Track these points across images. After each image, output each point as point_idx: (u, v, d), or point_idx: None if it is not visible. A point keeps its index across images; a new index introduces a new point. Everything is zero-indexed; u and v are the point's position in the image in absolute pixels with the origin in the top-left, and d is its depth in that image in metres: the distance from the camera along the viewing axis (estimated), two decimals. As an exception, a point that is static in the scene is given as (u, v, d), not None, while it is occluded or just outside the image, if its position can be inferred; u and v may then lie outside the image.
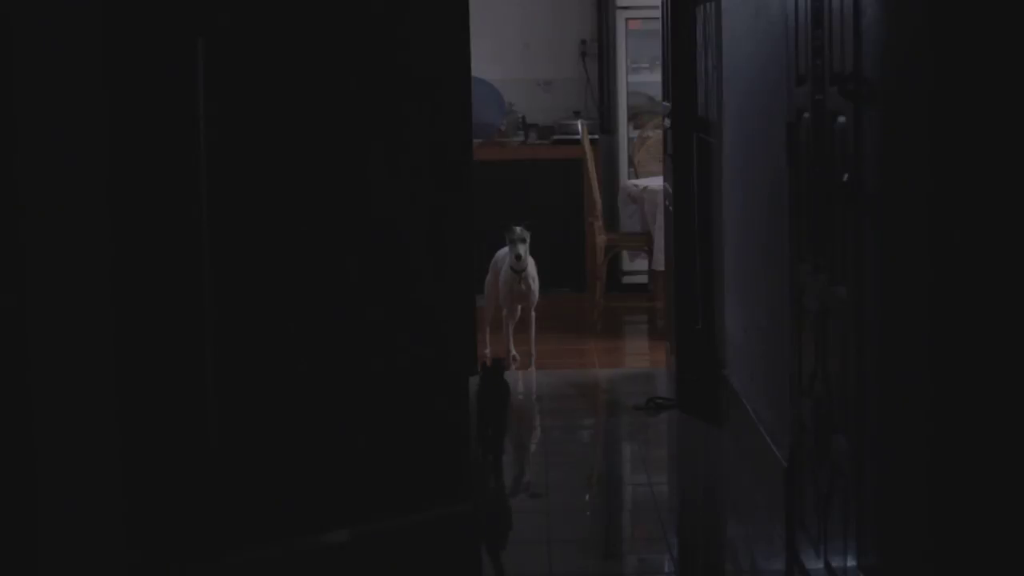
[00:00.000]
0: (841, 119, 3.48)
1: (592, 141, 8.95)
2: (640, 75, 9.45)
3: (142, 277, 4.12)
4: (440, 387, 4.74)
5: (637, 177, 9.12)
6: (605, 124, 9.71)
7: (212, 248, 4.26)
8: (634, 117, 9.52)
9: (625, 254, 9.24)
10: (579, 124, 9.12)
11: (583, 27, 9.95)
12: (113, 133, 3.92)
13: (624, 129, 9.53)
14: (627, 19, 9.40)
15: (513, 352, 7.32)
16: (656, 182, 8.05)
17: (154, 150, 4.15)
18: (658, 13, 7.05)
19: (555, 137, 9.58)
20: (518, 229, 7.24)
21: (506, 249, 7.46)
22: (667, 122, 6.65)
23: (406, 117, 4.65)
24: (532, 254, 7.35)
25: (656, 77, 7.98)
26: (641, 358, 7.80)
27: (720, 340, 5.95)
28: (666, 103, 6.75)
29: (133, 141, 4.08)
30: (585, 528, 4.93)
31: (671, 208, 6.58)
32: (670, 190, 6.61)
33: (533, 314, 7.39)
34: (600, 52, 9.88)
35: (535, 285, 7.34)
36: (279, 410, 4.45)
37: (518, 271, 7.27)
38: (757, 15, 4.96)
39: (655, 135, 8.72)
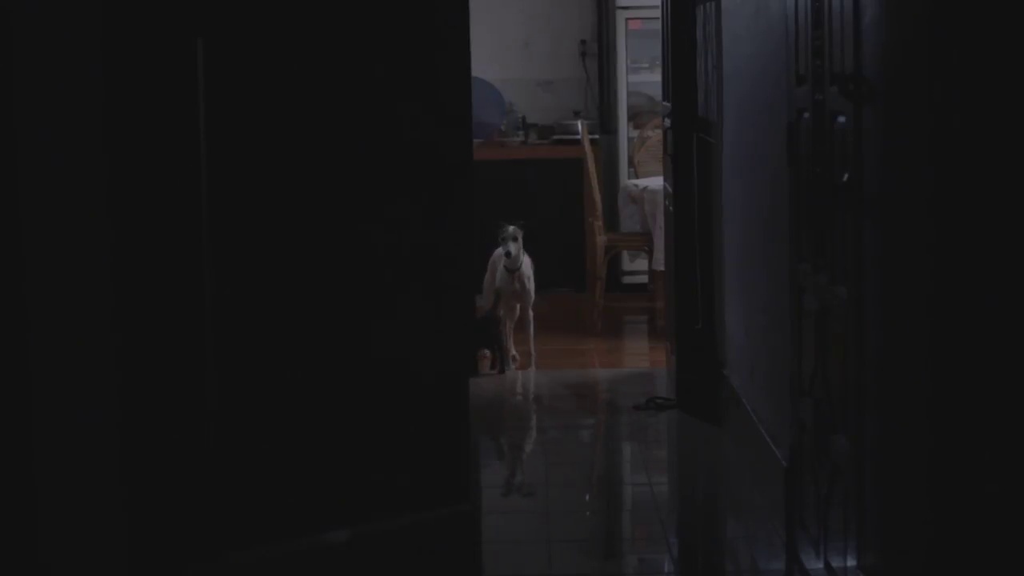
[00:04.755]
0: (841, 119, 3.48)
1: (592, 141, 8.94)
2: (640, 75, 9.45)
3: (142, 278, 4.12)
4: (440, 386, 4.74)
5: (637, 177, 9.12)
6: (605, 124, 9.71)
7: (212, 248, 4.26)
8: (634, 117, 9.51)
9: (625, 254, 9.24)
10: (579, 124, 9.12)
11: (583, 27, 9.95)
12: (112, 133, 3.92)
13: (624, 129, 9.53)
14: (627, 19, 9.39)
15: (513, 352, 7.31)
16: (656, 182, 8.05)
17: (153, 150, 4.15)
18: (658, 13, 7.04)
19: (555, 137, 9.57)
20: (510, 228, 7.24)
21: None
22: (667, 122, 6.65)
23: (406, 117, 4.65)
24: (532, 254, 7.35)
25: (656, 77, 7.97)
26: (641, 358, 7.79)
27: (720, 340, 5.94)
28: (666, 103, 6.75)
29: (132, 141, 4.08)
30: (585, 528, 4.93)
31: (671, 208, 6.58)
32: (670, 190, 6.61)
33: (531, 313, 7.38)
34: (600, 52, 9.88)
35: (530, 284, 7.33)
36: (279, 410, 4.45)
37: (511, 270, 7.27)
38: (757, 15, 4.96)
39: (655, 135, 8.72)
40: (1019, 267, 2.80)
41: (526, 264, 7.30)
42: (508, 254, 7.20)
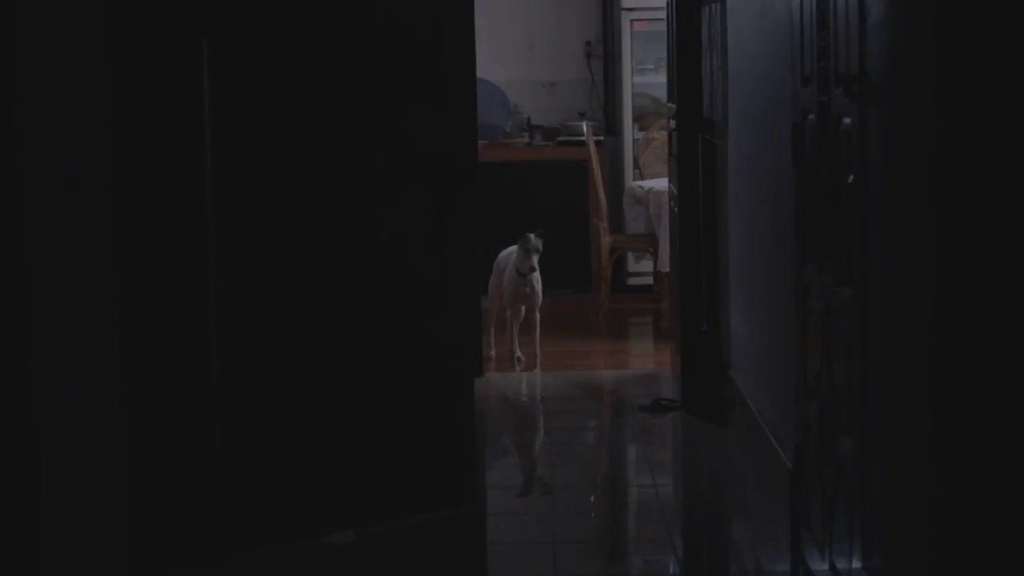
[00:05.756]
0: (846, 120, 3.47)
1: (597, 142, 8.94)
2: (645, 76, 9.45)
3: (147, 277, 4.12)
4: (444, 389, 4.74)
5: (642, 178, 9.12)
6: (610, 125, 9.71)
7: (217, 249, 4.26)
8: (639, 118, 9.52)
9: (630, 255, 9.24)
10: (584, 125, 9.12)
11: (588, 28, 9.95)
12: (117, 134, 3.92)
13: (629, 130, 9.53)
14: (632, 20, 9.39)
15: (518, 353, 7.32)
16: (661, 183, 8.05)
17: (159, 151, 4.15)
18: (663, 14, 7.05)
19: (560, 138, 9.57)
20: (533, 237, 7.26)
21: (509, 250, 7.46)
22: (672, 123, 6.65)
23: (411, 118, 4.65)
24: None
25: (661, 78, 7.98)
26: (646, 359, 7.80)
27: (725, 341, 5.94)
28: (671, 104, 6.75)
29: (137, 142, 4.08)
30: (590, 529, 4.93)
31: (676, 209, 6.58)
32: (675, 191, 6.61)
33: (537, 315, 7.39)
34: (605, 53, 9.88)
35: (539, 287, 7.35)
36: (284, 411, 4.45)
37: (522, 273, 7.28)
38: (762, 16, 4.96)
39: (660, 136, 8.71)
40: (1023, 268, 2.80)
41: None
42: (532, 268, 7.23)
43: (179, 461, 4.21)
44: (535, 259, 7.24)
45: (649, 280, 9.03)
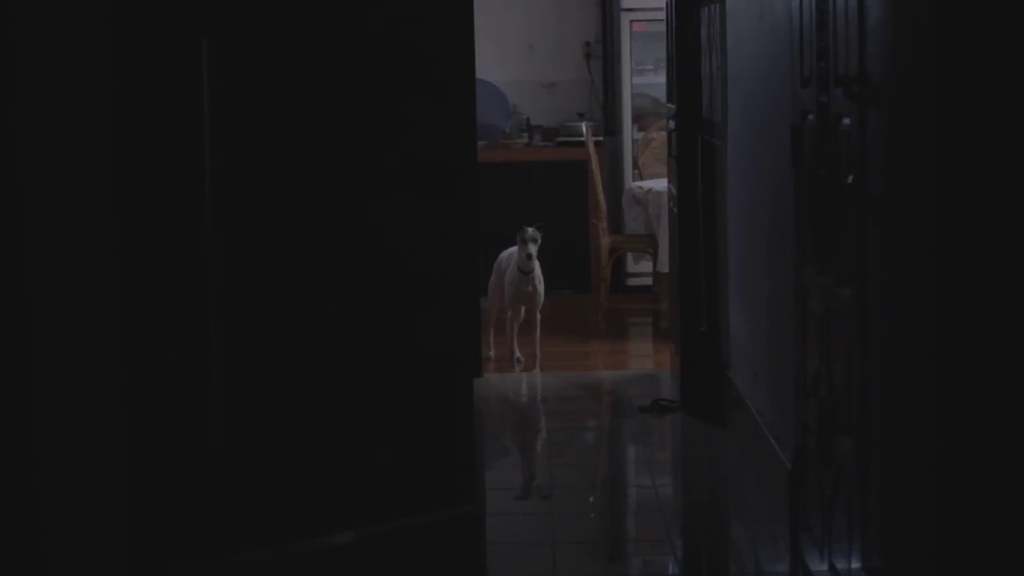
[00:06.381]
0: (846, 121, 3.48)
1: (596, 143, 8.94)
2: (644, 77, 9.46)
3: (146, 279, 4.13)
4: (444, 389, 4.74)
5: (641, 179, 9.12)
6: (609, 126, 9.71)
7: (216, 250, 4.26)
8: (638, 119, 9.52)
9: (629, 256, 9.24)
10: (583, 126, 9.12)
11: (587, 29, 9.95)
12: (117, 135, 3.92)
13: (628, 131, 9.53)
14: (631, 21, 9.40)
15: (517, 354, 7.32)
16: (660, 184, 8.05)
17: (158, 151, 4.15)
18: (662, 15, 7.05)
19: (559, 139, 9.58)
20: (530, 230, 7.29)
21: (510, 251, 7.47)
22: (671, 124, 6.65)
23: (411, 119, 4.66)
24: (537, 256, 7.36)
25: (660, 79, 7.98)
26: (645, 360, 7.80)
27: (724, 342, 5.95)
28: (670, 105, 6.76)
29: (137, 143, 4.08)
30: (589, 530, 4.93)
31: (675, 210, 6.58)
32: (674, 192, 6.62)
33: (538, 316, 7.40)
34: (604, 54, 9.88)
35: (541, 287, 7.36)
36: (284, 412, 4.46)
37: (525, 272, 7.29)
38: (762, 17, 4.97)
39: (659, 137, 8.71)
40: (1022, 269, 2.80)
41: (537, 267, 7.33)
42: (529, 256, 7.25)
43: (179, 461, 4.21)
44: (532, 248, 7.25)
45: (648, 280, 9.03)
